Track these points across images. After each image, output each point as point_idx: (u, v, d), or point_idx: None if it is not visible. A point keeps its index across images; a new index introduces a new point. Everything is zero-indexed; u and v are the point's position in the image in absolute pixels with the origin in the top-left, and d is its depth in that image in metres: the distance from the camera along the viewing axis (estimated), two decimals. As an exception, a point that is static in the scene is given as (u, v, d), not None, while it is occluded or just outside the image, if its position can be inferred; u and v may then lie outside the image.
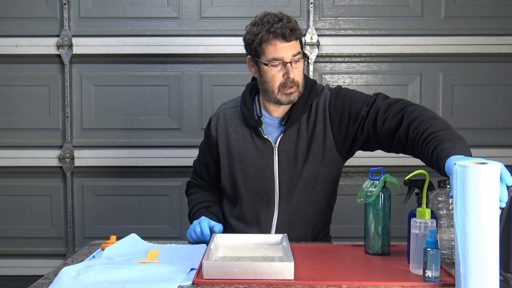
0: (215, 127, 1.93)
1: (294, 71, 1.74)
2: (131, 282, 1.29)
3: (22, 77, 2.80)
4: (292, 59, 1.74)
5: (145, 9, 2.78)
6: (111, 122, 2.81)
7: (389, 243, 1.60)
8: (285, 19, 1.74)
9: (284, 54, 1.73)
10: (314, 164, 1.83)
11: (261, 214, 1.88)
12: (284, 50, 1.73)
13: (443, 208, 1.54)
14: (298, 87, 1.77)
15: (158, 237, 2.29)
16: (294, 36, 1.74)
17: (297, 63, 1.75)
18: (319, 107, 1.83)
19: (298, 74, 1.76)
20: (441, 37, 2.76)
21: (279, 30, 1.71)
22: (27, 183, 2.83)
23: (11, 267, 2.83)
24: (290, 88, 1.75)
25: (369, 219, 1.59)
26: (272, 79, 1.75)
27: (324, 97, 1.84)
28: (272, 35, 1.72)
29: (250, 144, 1.86)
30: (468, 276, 1.17)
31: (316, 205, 1.88)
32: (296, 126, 1.82)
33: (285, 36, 1.71)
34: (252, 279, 1.32)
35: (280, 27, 1.71)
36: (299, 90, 1.78)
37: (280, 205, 1.86)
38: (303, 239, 1.88)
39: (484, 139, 2.81)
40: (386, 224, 1.59)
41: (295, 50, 1.74)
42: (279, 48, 1.72)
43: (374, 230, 1.59)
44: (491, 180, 1.17)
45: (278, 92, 1.77)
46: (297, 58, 1.74)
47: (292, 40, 1.73)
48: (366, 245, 1.62)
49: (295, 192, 1.84)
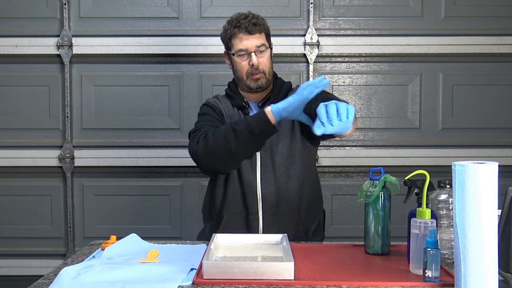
0: (217, 100, 2.07)
1: (258, 60, 1.96)
2: (131, 282, 1.29)
3: (22, 77, 2.80)
4: (256, 49, 1.96)
5: (145, 9, 2.78)
6: (111, 122, 2.81)
7: (389, 243, 1.60)
8: (250, 16, 1.98)
9: (248, 45, 1.95)
10: (288, 140, 1.98)
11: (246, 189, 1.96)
12: (248, 42, 1.95)
13: (443, 208, 1.54)
14: (264, 74, 1.98)
15: (158, 237, 2.29)
16: (257, 29, 1.96)
17: (262, 53, 1.97)
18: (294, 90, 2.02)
19: (264, 62, 1.97)
20: (441, 37, 2.76)
21: (243, 25, 1.95)
22: (27, 183, 2.83)
23: (11, 267, 2.83)
24: (256, 74, 1.97)
25: (369, 219, 1.60)
26: (240, 68, 1.98)
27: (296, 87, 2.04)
28: (237, 29, 1.96)
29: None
30: (468, 275, 1.18)
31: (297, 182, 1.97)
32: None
33: (248, 30, 1.95)
34: (252, 279, 1.32)
35: (244, 22, 1.95)
36: (266, 77, 1.99)
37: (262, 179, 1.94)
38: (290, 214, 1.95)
39: (484, 139, 2.81)
40: (386, 224, 1.59)
41: (258, 42, 1.96)
42: (244, 40, 1.96)
43: (374, 230, 1.59)
44: (489, 179, 1.17)
45: (247, 79, 1.98)
46: (261, 49, 1.96)
47: (256, 33, 1.96)
48: (366, 245, 1.62)
49: (276, 166, 1.95)
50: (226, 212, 1.98)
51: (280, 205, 1.95)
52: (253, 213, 1.95)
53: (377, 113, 2.82)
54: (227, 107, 2.04)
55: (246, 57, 1.96)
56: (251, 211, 1.95)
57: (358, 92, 2.81)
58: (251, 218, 1.95)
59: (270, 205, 1.94)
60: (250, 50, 1.95)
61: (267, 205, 1.94)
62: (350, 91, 2.82)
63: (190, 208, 2.82)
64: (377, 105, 2.82)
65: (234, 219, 1.97)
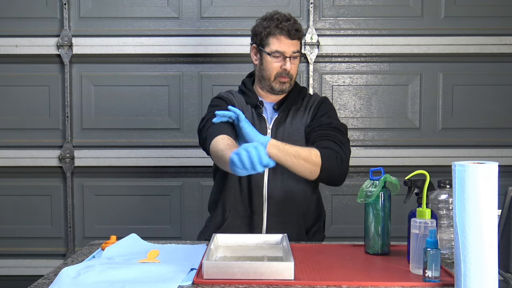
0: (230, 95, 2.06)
1: (291, 65, 1.96)
2: (131, 282, 1.29)
3: (22, 77, 2.80)
4: (291, 54, 1.96)
5: (145, 9, 2.78)
6: (111, 122, 2.81)
7: (389, 243, 1.60)
8: (292, 20, 1.97)
9: (286, 49, 1.95)
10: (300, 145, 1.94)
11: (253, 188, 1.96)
12: (286, 46, 1.95)
13: (443, 208, 1.54)
14: (291, 79, 1.99)
15: (158, 237, 2.29)
16: (297, 36, 1.96)
17: (295, 59, 1.98)
18: (310, 102, 2.06)
19: (294, 68, 1.99)
20: (441, 37, 2.76)
21: (286, 28, 1.94)
22: (27, 183, 2.83)
23: (11, 267, 2.83)
24: (285, 78, 1.98)
25: (369, 219, 1.60)
26: (271, 68, 1.97)
27: (316, 97, 2.08)
28: (279, 30, 1.94)
29: (250, 120, 1.97)
30: (468, 275, 1.18)
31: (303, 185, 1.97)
32: (286, 112, 2.02)
33: (290, 34, 1.94)
34: (252, 279, 1.32)
35: (287, 25, 1.94)
36: (291, 83, 2.01)
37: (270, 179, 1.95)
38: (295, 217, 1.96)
39: (484, 139, 2.81)
40: (386, 224, 1.59)
41: (295, 48, 1.97)
42: (283, 43, 1.95)
43: (374, 230, 1.59)
44: (489, 179, 1.17)
45: (274, 80, 1.98)
46: (295, 55, 1.97)
47: (295, 39, 1.96)
48: (366, 245, 1.62)
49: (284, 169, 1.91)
50: (232, 209, 1.98)
51: (286, 207, 1.95)
52: (257, 213, 1.95)
53: (377, 113, 2.82)
54: (241, 103, 2.03)
55: (280, 59, 1.95)
56: (256, 211, 1.95)
57: (358, 92, 2.81)
58: (255, 218, 1.95)
59: (276, 207, 1.94)
60: (286, 54, 1.94)
61: (272, 207, 1.94)
62: (350, 91, 2.82)
63: (190, 208, 2.82)
64: (377, 105, 2.82)
65: (238, 218, 1.96)
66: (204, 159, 2.77)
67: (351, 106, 2.81)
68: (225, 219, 1.98)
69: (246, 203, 1.97)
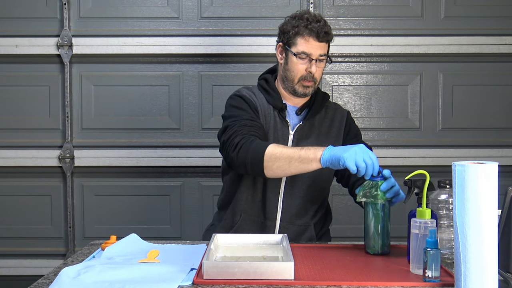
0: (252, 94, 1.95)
1: (317, 68, 1.88)
2: (131, 282, 1.29)
3: (22, 77, 2.80)
4: (318, 57, 1.88)
5: (145, 9, 2.78)
6: (111, 122, 2.81)
7: (389, 243, 1.60)
8: (322, 21, 1.89)
9: (313, 51, 1.87)
10: None
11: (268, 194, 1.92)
12: (314, 48, 1.87)
13: (443, 208, 1.54)
14: (315, 83, 1.91)
15: (158, 237, 2.30)
16: (326, 38, 1.88)
17: (321, 62, 1.90)
18: (336, 116, 2.00)
19: (319, 72, 1.91)
20: (441, 37, 2.76)
21: (315, 29, 1.85)
22: (27, 183, 2.83)
23: (11, 267, 2.83)
24: (309, 82, 1.89)
25: (368, 219, 1.60)
26: (296, 69, 1.89)
27: (341, 111, 2.03)
28: (308, 31, 1.86)
29: (272, 123, 1.93)
30: (468, 275, 1.18)
31: (317, 194, 1.97)
32: (310, 121, 1.95)
33: (319, 36, 1.86)
34: (252, 279, 1.32)
35: (317, 26, 1.86)
36: (315, 87, 1.93)
37: (286, 189, 1.92)
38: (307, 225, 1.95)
39: (484, 139, 2.81)
40: (386, 224, 1.59)
41: (322, 51, 1.88)
42: (311, 45, 1.87)
43: (374, 230, 1.59)
44: (489, 179, 1.17)
45: (297, 82, 1.90)
46: (322, 58, 1.89)
47: (323, 41, 1.88)
48: (366, 245, 1.62)
49: (303, 180, 1.91)
50: (243, 214, 1.94)
51: (299, 216, 1.94)
52: (271, 219, 1.93)
53: (377, 113, 2.82)
54: (263, 104, 1.94)
55: (306, 61, 1.87)
56: (269, 217, 1.93)
57: (358, 92, 2.81)
58: (268, 224, 1.92)
59: (289, 215, 1.92)
60: (313, 57, 1.86)
61: (286, 214, 1.92)
62: (350, 91, 2.81)
63: (190, 208, 2.82)
64: (377, 105, 2.81)
65: (249, 222, 1.93)
66: (204, 159, 2.77)
67: (351, 106, 2.81)
68: (235, 222, 1.95)
69: (260, 209, 1.93)
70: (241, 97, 1.94)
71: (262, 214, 1.93)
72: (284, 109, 1.93)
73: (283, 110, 1.93)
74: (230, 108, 1.94)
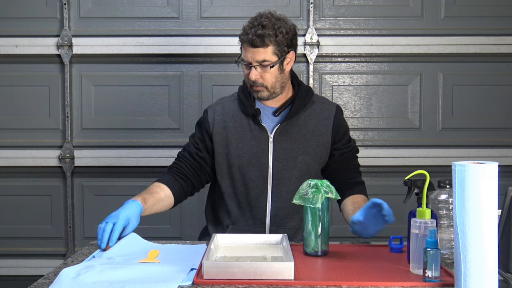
0: (212, 117, 1.97)
1: (260, 74, 1.85)
2: (131, 282, 1.29)
3: (22, 77, 2.80)
4: (256, 64, 1.84)
5: (145, 9, 2.78)
6: (111, 122, 2.81)
7: (328, 242, 1.59)
8: (258, 25, 1.83)
9: (249, 58, 1.84)
10: (311, 157, 1.92)
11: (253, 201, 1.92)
12: (249, 54, 1.84)
13: (443, 208, 1.54)
14: (266, 88, 1.87)
15: (158, 237, 2.29)
16: (261, 42, 1.82)
17: (265, 67, 1.85)
18: (323, 112, 1.96)
19: (265, 77, 1.86)
20: (441, 37, 2.76)
21: (247, 37, 1.83)
22: (27, 183, 2.83)
23: (11, 267, 2.83)
24: (257, 87, 1.87)
25: (306, 220, 1.58)
26: (245, 76, 1.91)
27: (328, 107, 1.98)
28: (245, 38, 1.84)
29: (247, 132, 1.92)
30: (468, 275, 1.18)
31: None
32: (292, 120, 1.92)
33: (251, 42, 1.82)
34: (252, 279, 1.32)
35: (250, 33, 1.83)
36: (269, 91, 1.88)
37: (274, 192, 1.91)
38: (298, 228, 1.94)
39: (484, 139, 2.81)
40: (324, 225, 1.57)
41: (260, 56, 1.83)
42: (247, 52, 1.85)
43: (312, 231, 1.56)
44: (489, 179, 1.17)
45: (250, 88, 1.90)
46: (263, 64, 1.84)
47: (259, 47, 1.82)
48: (304, 244, 1.59)
49: (291, 181, 1.90)
50: (230, 224, 1.94)
51: (289, 218, 1.93)
52: (260, 224, 1.92)
53: (377, 113, 2.82)
54: (234, 115, 1.94)
55: (248, 68, 1.86)
56: (258, 223, 1.92)
57: (358, 92, 2.81)
58: (257, 230, 1.91)
59: (279, 219, 1.92)
60: (251, 64, 1.85)
61: (276, 219, 1.92)
62: (350, 91, 2.82)
63: (190, 208, 2.82)
64: (377, 105, 2.82)
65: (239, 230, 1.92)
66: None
67: (351, 106, 2.81)
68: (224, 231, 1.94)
69: (249, 216, 1.93)
70: (199, 122, 2.01)
71: (251, 221, 1.93)
72: (257, 114, 1.91)
73: (255, 115, 1.91)
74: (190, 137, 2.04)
